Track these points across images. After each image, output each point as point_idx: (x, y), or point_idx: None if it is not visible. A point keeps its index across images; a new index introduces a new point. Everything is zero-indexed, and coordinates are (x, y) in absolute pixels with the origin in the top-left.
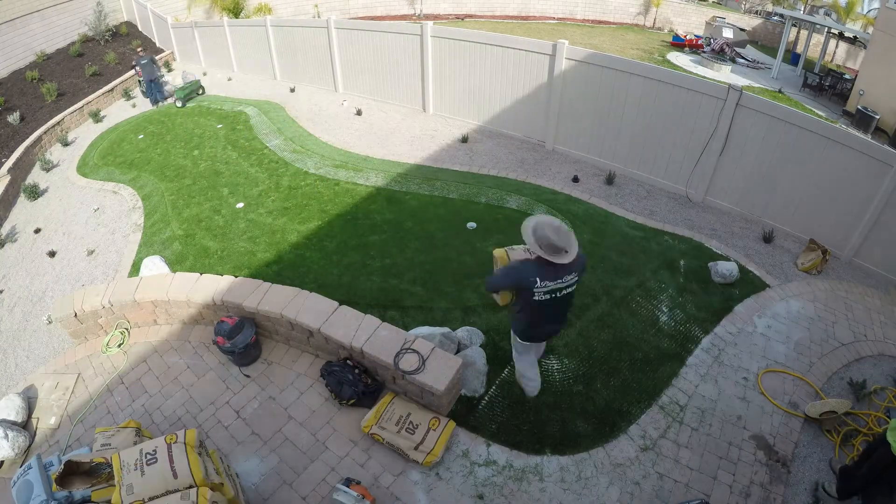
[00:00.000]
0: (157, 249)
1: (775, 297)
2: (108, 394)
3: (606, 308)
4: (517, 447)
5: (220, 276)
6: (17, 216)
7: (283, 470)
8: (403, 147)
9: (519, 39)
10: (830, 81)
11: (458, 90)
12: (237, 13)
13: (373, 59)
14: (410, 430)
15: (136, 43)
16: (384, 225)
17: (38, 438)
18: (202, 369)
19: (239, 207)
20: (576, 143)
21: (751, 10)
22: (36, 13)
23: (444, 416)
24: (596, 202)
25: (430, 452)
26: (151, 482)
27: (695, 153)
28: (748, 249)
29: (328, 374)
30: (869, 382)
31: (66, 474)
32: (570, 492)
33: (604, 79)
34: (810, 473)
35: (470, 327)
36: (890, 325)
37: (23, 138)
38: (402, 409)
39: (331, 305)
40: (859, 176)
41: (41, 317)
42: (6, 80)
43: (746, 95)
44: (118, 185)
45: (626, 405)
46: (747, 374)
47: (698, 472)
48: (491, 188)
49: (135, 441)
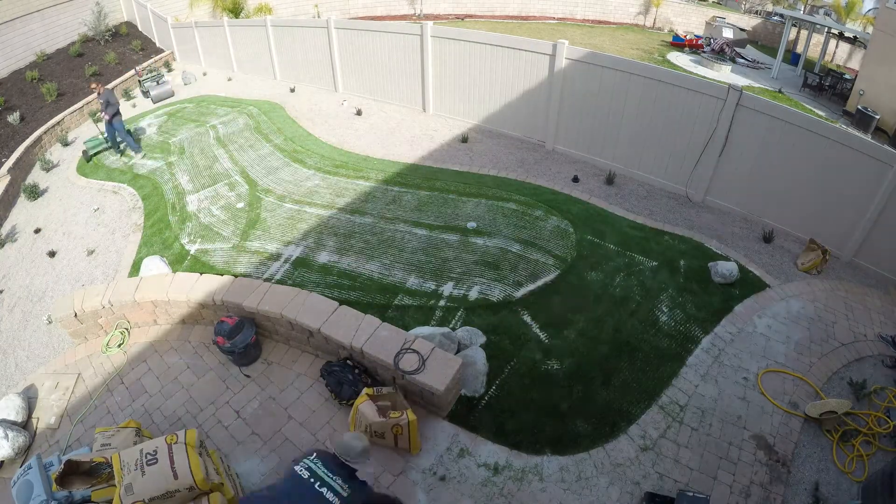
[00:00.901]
0: (158, 249)
1: (775, 297)
2: (108, 394)
3: (606, 308)
4: (517, 447)
5: (219, 275)
6: (17, 216)
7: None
8: (403, 147)
9: (519, 39)
10: (830, 81)
11: (458, 90)
12: (237, 13)
13: (373, 59)
14: (380, 436)
15: (136, 43)
16: (384, 224)
17: (38, 438)
18: (202, 369)
19: (239, 207)
20: (576, 143)
21: (751, 10)
22: (36, 13)
23: (403, 420)
24: (596, 202)
25: (408, 450)
26: (152, 482)
27: (695, 153)
28: (748, 249)
29: (328, 374)
30: (869, 382)
31: (66, 474)
32: (570, 492)
33: (604, 79)
34: (810, 473)
35: (470, 327)
36: (890, 325)
37: (23, 138)
38: (367, 419)
39: (331, 305)
40: (859, 176)
41: (41, 317)
42: (6, 80)
43: (746, 95)
44: (118, 185)
45: (626, 405)
46: (747, 374)
47: (698, 472)
48: (491, 188)
49: (135, 441)
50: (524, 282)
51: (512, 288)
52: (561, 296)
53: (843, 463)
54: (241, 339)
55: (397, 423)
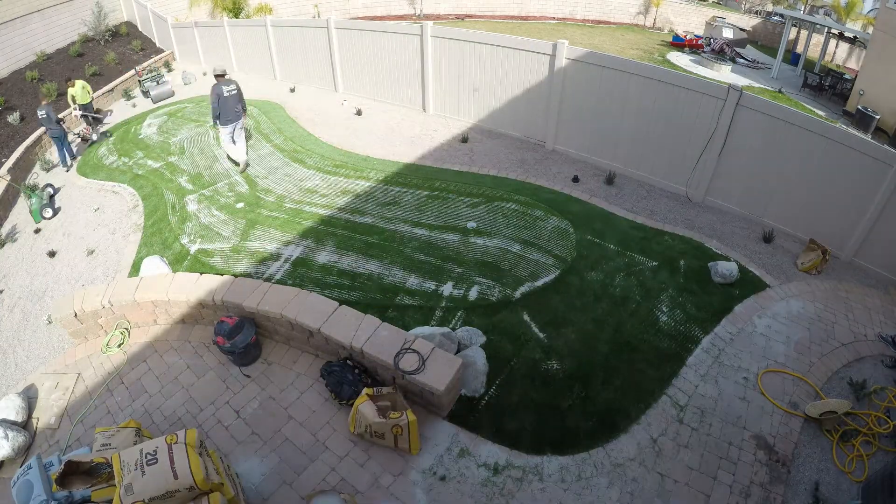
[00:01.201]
0: (158, 249)
1: (775, 297)
2: (108, 394)
3: (606, 308)
4: (517, 447)
5: (220, 275)
6: (17, 216)
7: (284, 470)
8: (403, 147)
9: (519, 39)
10: (830, 81)
11: (458, 90)
12: (237, 13)
13: (373, 59)
14: (380, 437)
15: (136, 43)
16: (384, 224)
17: (38, 438)
18: (202, 369)
19: (239, 207)
20: (576, 143)
21: (751, 10)
22: (36, 13)
23: (402, 421)
24: (596, 202)
25: (408, 450)
26: (152, 482)
27: (695, 153)
28: (748, 249)
29: (328, 374)
30: (869, 382)
31: (66, 474)
32: (570, 492)
33: (604, 79)
34: (810, 473)
35: (470, 327)
36: (890, 325)
37: (23, 138)
38: (367, 420)
39: (331, 305)
40: (859, 176)
41: (41, 317)
42: (6, 80)
43: (746, 95)
44: (118, 185)
45: (626, 405)
46: (747, 374)
47: (698, 472)
48: (491, 188)
49: (135, 441)
50: (524, 282)
51: (512, 288)
52: (561, 296)
53: (843, 463)
54: (241, 339)
55: (397, 424)
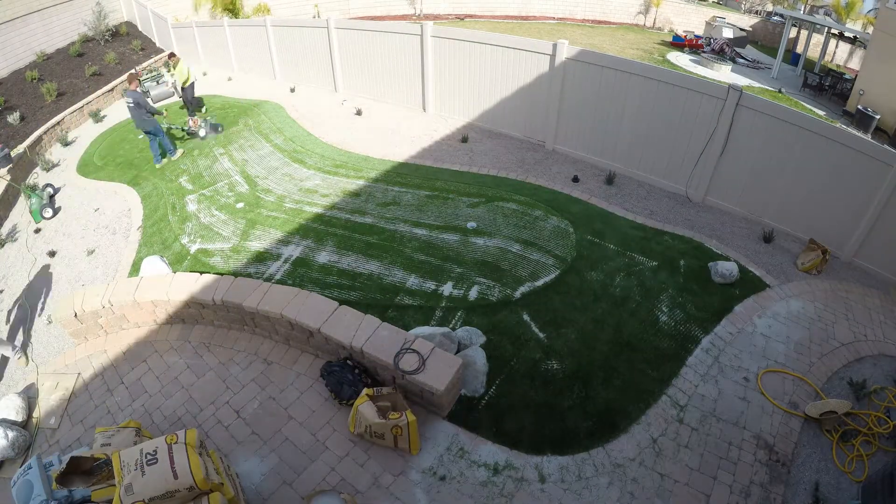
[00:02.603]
0: (158, 249)
1: (775, 297)
2: (108, 394)
3: (606, 308)
4: (517, 447)
5: (219, 275)
6: (17, 216)
7: (283, 470)
8: (403, 147)
9: (519, 39)
10: (830, 81)
11: (457, 90)
12: (236, 13)
13: (373, 59)
14: (379, 437)
15: (136, 43)
16: (384, 224)
17: (38, 438)
18: (202, 369)
19: (239, 207)
20: (576, 143)
21: (751, 10)
22: (36, 13)
23: (402, 421)
24: (596, 202)
25: (408, 450)
26: (152, 482)
27: (695, 153)
28: (748, 249)
29: (328, 374)
30: (869, 382)
31: (69, 472)
32: (570, 492)
33: (604, 79)
34: (810, 473)
35: (470, 327)
36: (890, 325)
37: (23, 138)
38: (367, 420)
39: (331, 305)
40: (859, 176)
41: (41, 317)
42: (6, 80)
43: (746, 95)
44: (118, 185)
45: (626, 405)
46: (747, 374)
47: (698, 472)
48: (491, 188)
49: (135, 441)
50: (524, 282)
51: (512, 288)
52: (561, 296)
53: (843, 463)
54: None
55: (397, 424)
